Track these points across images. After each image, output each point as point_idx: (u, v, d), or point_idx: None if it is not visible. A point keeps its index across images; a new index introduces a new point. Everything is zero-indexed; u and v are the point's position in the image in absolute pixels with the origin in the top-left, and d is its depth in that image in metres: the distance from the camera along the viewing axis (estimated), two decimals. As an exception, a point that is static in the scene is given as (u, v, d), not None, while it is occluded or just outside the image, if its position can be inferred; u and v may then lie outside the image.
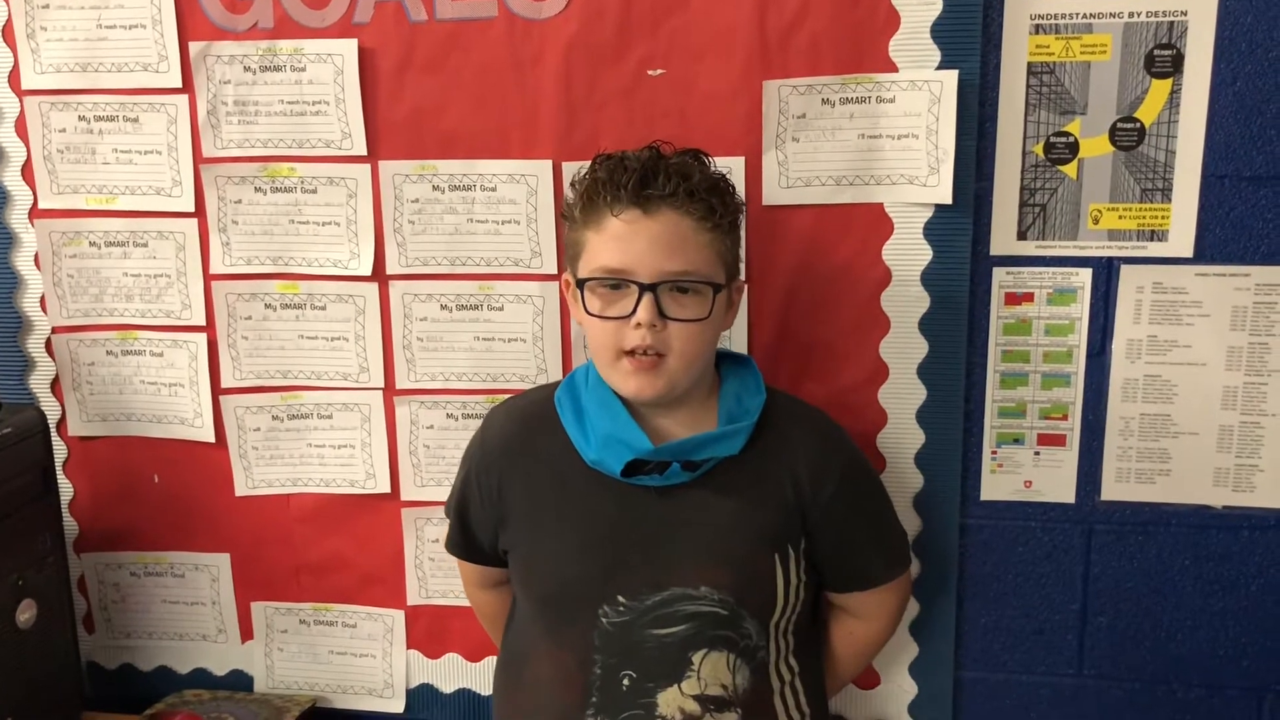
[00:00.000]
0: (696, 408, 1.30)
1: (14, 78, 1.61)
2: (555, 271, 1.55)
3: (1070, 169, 1.44)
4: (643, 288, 1.20)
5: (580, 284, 1.25)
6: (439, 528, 1.61)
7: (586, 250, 1.25)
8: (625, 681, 1.28)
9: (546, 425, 1.33)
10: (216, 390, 1.68)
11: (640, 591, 1.27)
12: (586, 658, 1.29)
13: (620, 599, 1.27)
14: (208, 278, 1.65)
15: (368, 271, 1.60)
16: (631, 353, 1.22)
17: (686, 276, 1.21)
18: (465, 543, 1.42)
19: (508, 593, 1.45)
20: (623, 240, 1.21)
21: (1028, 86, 1.43)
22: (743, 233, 1.46)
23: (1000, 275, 1.49)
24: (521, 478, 1.33)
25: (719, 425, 1.28)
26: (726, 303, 1.28)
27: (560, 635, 1.31)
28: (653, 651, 1.27)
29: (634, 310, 1.20)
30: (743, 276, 1.40)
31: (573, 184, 1.30)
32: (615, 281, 1.22)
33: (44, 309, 1.70)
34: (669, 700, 1.27)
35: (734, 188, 1.30)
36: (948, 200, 1.44)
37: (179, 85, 1.58)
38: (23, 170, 1.65)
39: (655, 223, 1.21)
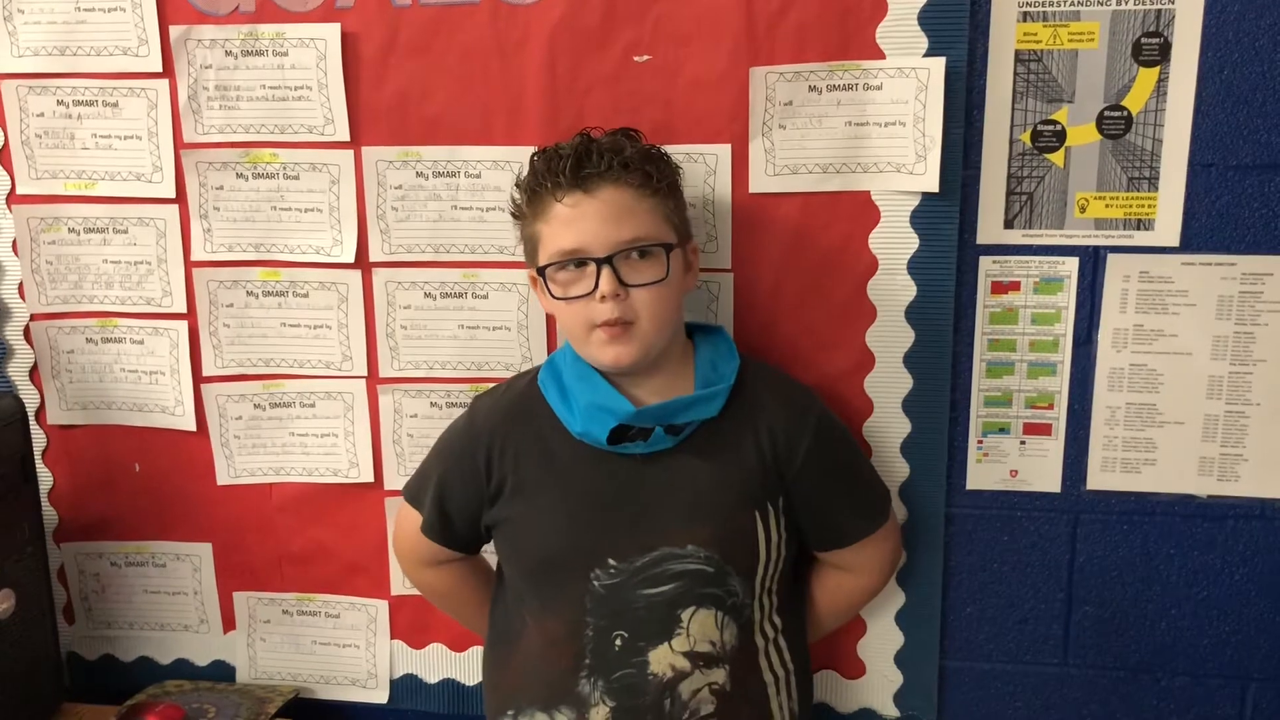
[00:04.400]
0: (672, 375, 1.34)
1: (-9, 61, 1.60)
2: (540, 259, 1.54)
3: (1057, 157, 1.44)
4: (599, 262, 1.25)
5: (540, 272, 1.30)
6: (423, 517, 1.60)
7: (541, 241, 1.31)
8: (617, 642, 1.32)
9: (533, 406, 1.37)
10: (198, 378, 1.67)
11: (629, 553, 1.31)
12: (579, 621, 1.32)
13: (611, 561, 1.31)
14: (189, 264, 1.63)
15: (351, 259, 1.59)
16: (605, 324, 1.27)
17: (638, 242, 1.26)
18: (443, 527, 1.44)
19: (454, 571, 1.49)
20: (571, 222, 1.27)
21: (1015, 74, 1.42)
22: (724, 214, 1.49)
23: (987, 264, 1.48)
24: (512, 456, 1.36)
25: (696, 389, 1.33)
26: (684, 263, 1.33)
27: (552, 602, 1.35)
28: (643, 611, 1.31)
29: (596, 285, 1.25)
30: (716, 257, 1.46)
31: (517, 184, 1.35)
32: (573, 261, 1.27)
33: (22, 296, 1.68)
34: (660, 658, 1.31)
35: (667, 156, 1.34)
36: (934, 188, 1.44)
37: (159, 69, 1.56)
38: (0, 155, 1.63)
39: (597, 199, 1.26)
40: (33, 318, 1.69)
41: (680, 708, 1.31)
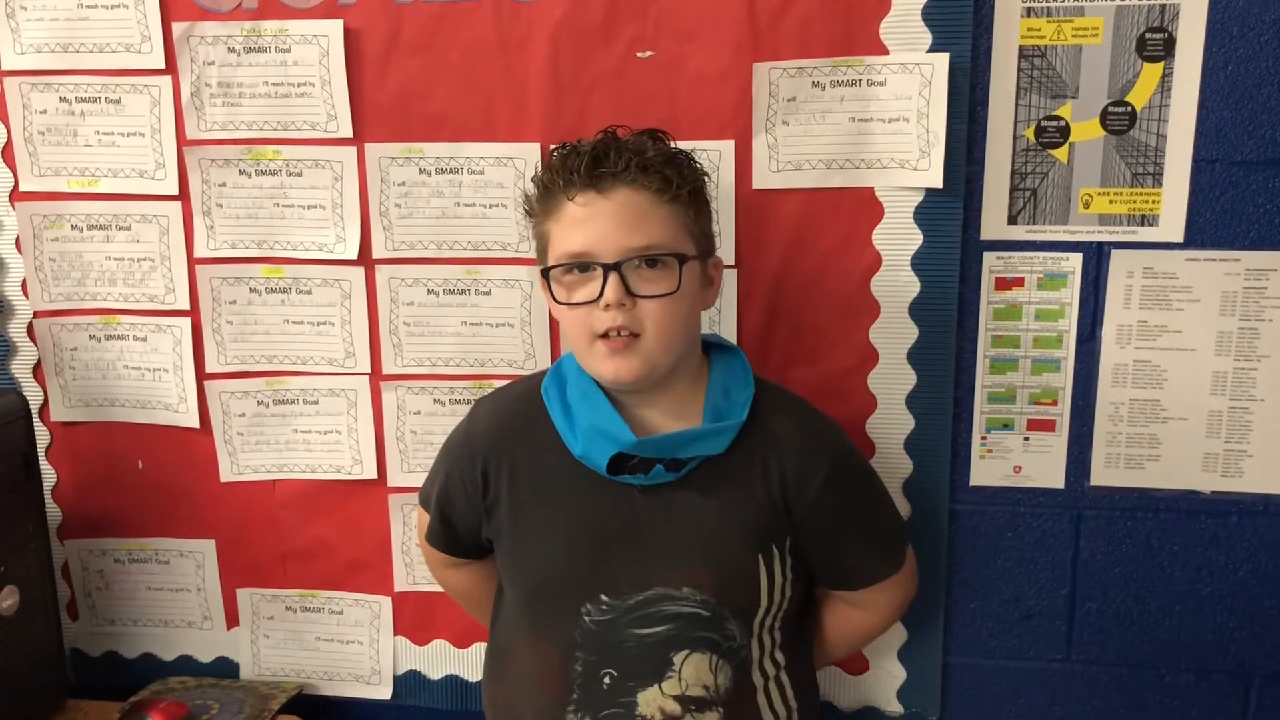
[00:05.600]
0: (681, 397, 1.28)
1: (-7, 58, 1.60)
2: (543, 256, 1.54)
3: (1061, 153, 1.44)
4: (606, 268, 1.18)
5: (545, 273, 1.24)
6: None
7: (550, 241, 1.24)
8: (606, 680, 1.27)
9: (534, 416, 1.31)
10: (201, 375, 1.67)
11: (623, 590, 1.26)
12: (568, 654, 1.28)
13: (603, 597, 1.26)
14: (191, 261, 1.63)
15: (354, 255, 1.59)
16: (606, 335, 1.20)
17: (650, 250, 1.19)
18: (446, 534, 1.41)
19: (475, 571, 1.46)
20: (581, 223, 1.20)
21: (1019, 70, 1.42)
22: (728, 210, 1.49)
23: (990, 260, 1.48)
24: (508, 469, 1.31)
25: (704, 421, 1.26)
26: (701, 278, 1.26)
27: (543, 630, 1.31)
28: (634, 651, 1.26)
29: (601, 292, 1.18)
30: (719, 253, 1.37)
31: (533, 179, 1.28)
32: (579, 265, 1.20)
33: (25, 293, 1.68)
34: (649, 700, 1.26)
35: (694, 161, 1.27)
36: (938, 184, 1.44)
37: (162, 66, 1.56)
38: (3, 152, 1.63)
39: (611, 201, 1.19)
40: (36, 315, 1.69)
41: None
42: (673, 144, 1.27)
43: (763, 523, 1.27)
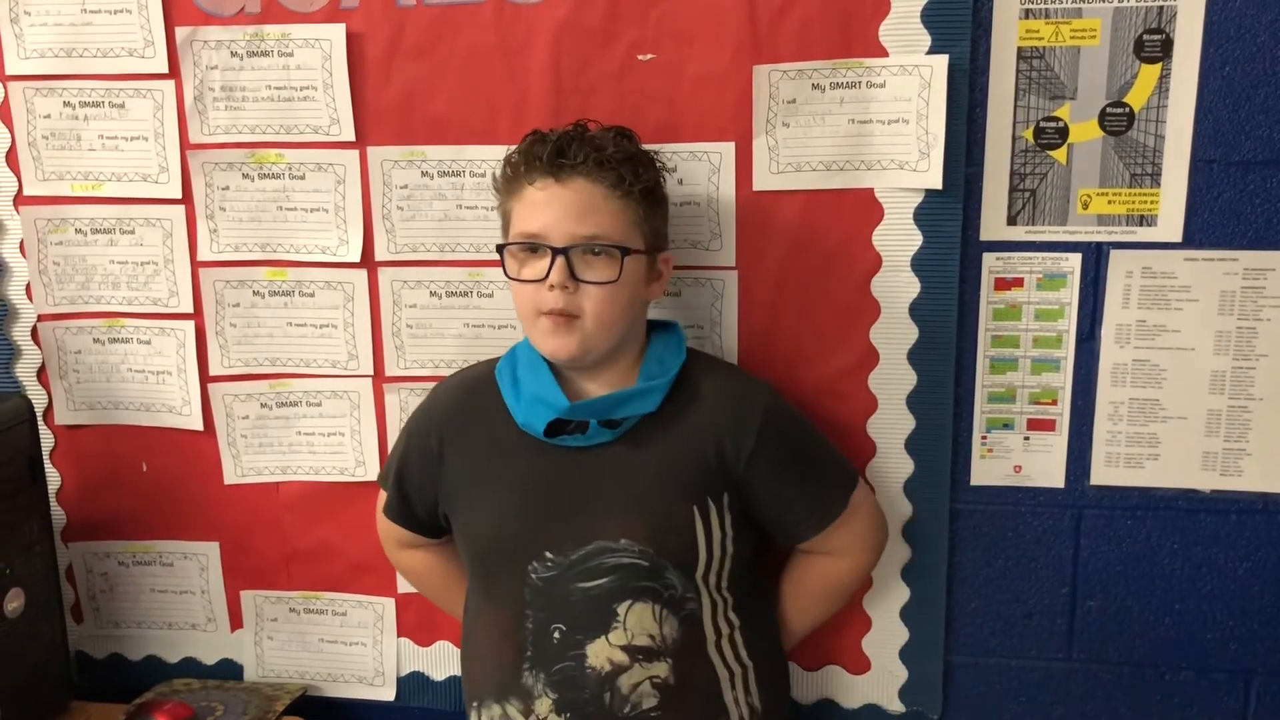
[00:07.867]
0: (622, 372, 1.36)
1: (-3, 63, 1.60)
2: (545, 258, 1.55)
3: (1060, 154, 1.45)
4: (555, 251, 1.26)
5: (500, 249, 1.33)
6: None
7: (510, 219, 1.33)
8: (556, 635, 1.33)
9: (487, 393, 1.39)
10: (205, 378, 1.67)
11: (566, 546, 1.33)
12: (520, 613, 1.34)
13: (548, 554, 1.33)
14: (195, 265, 1.64)
15: (356, 258, 1.59)
16: (550, 313, 1.28)
17: (595, 240, 1.27)
18: (403, 508, 1.47)
19: (428, 553, 1.53)
20: (538, 207, 1.29)
21: (1018, 71, 1.43)
22: (728, 212, 1.50)
23: (990, 260, 1.49)
24: (463, 443, 1.40)
25: (639, 384, 1.34)
26: (645, 270, 1.33)
27: (495, 593, 1.38)
28: (580, 604, 1.32)
29: (548, 273, 1.26)
30: (719, 256, 1.48)
31: (505, 158, 1.36)
32: (531, 245, 1.29)
33: (29, 297, 1.69)
34: (598, 651, 1.32)
35: (654, 161, 1.35)
36: (938, 185, 1.44)
37: (165, 71, 1.57)
38: (7, 156, 1.64)
39: (567, 190, 1.28)
40: (40, 318, 1.69)
41: (621, 701, 1.32)
42: (638, 145, 1.35)
43: (697, 477, 1.33)
